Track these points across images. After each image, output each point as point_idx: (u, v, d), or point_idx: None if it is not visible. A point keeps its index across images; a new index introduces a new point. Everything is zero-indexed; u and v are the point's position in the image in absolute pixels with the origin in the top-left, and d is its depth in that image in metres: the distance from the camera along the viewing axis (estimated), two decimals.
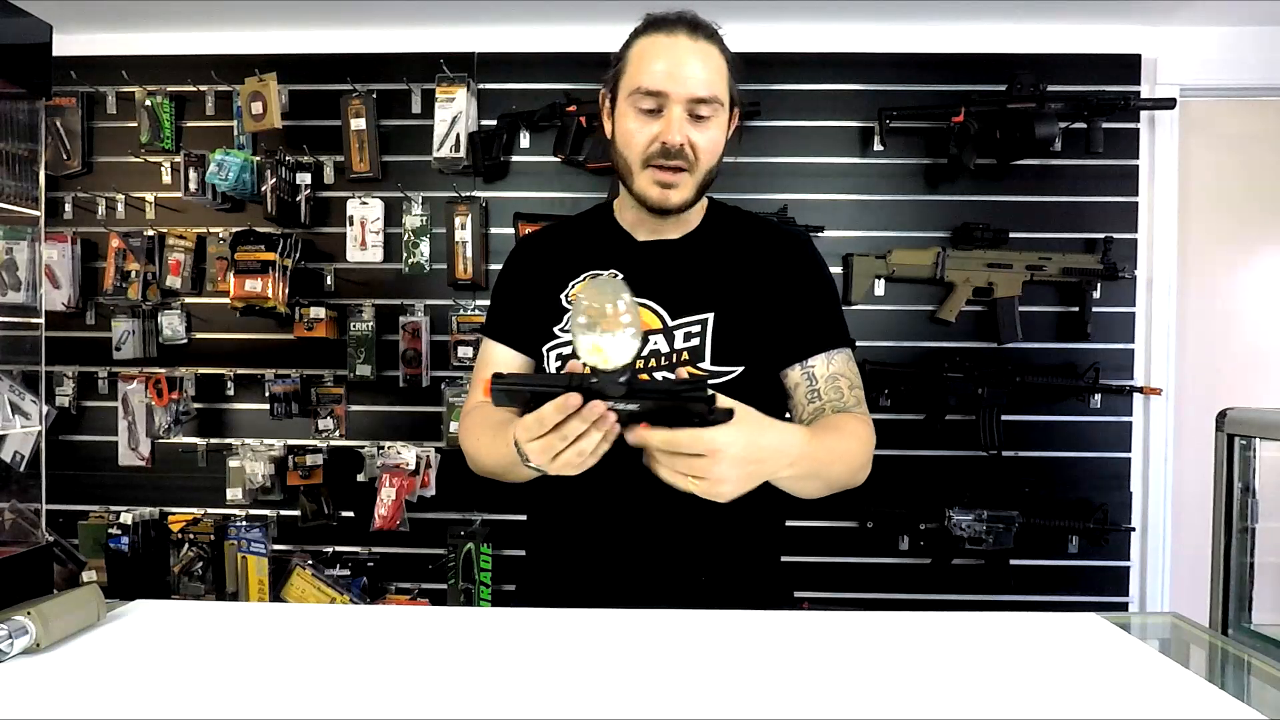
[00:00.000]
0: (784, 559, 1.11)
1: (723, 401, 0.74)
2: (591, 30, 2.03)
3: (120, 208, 2.19)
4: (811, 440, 0.89)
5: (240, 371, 2.18)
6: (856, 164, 2.13)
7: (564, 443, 0.74)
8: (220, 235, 2.16)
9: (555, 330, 1.03)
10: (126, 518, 2.12)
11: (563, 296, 1.05)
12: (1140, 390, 2.08)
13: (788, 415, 1.08)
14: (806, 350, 1.02)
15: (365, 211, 2.13)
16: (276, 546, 2.14)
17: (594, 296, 0.74)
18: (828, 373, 1.01)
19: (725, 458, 0.74)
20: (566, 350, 1.01)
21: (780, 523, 1.10)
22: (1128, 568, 2.12)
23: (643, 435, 0.74)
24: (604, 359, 0.73)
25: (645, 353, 0.98)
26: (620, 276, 0.86)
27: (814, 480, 0.92)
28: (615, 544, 0.99)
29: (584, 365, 0.76)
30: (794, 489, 0.93)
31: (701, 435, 0.73)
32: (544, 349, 1.03)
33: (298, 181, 2.12)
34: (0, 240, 0.93)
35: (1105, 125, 2.00)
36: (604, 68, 1.05)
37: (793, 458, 0.84)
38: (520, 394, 0.75)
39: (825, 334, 1.03)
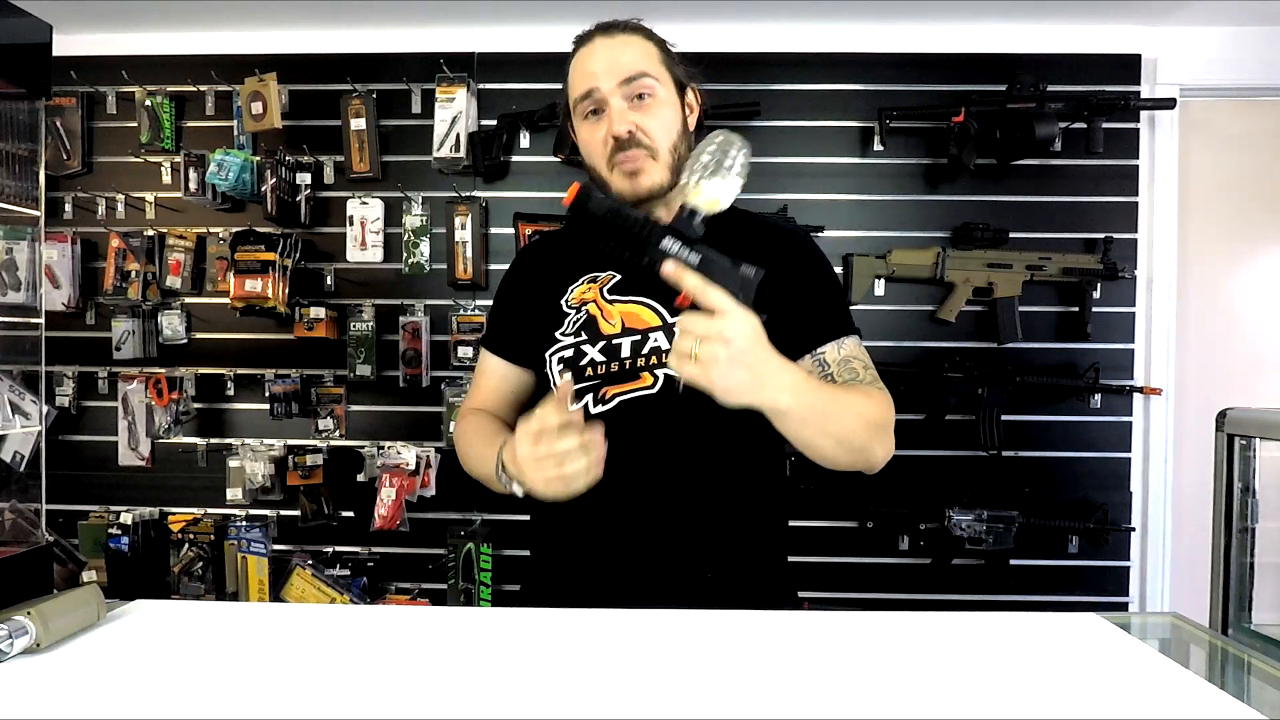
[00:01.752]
0: (788, 559, 1.12)
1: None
2: None
3: (120, 208, 2.19)
4: (814, 383, 0.88)
5: (240, 371, 2.18)
6: (856, 164, 2.12)
7: (556, 466, 0.82)
8: (220, 235, 2.16)
9: (556, 335, 1.03)
10: (126, 518, 2.12)
11: (562, 302, 1.05)
12: (1140, 390, 2.08)
13: None
14: (815, 341, 1.02)
15: (365, 211, 2.13)
16: (276, 546, 2.14)
17: (724, 140, 0.81)
18: (839, 357, 1.02)
19: (739, 327, 0.77)
20: (569, 354, 1.02)
21: (784, 522, 1.10)
22: (1128, 568, 2.11)
23: (680, 272, 0.78)
24: (710, 198, 0.79)
25: (647, 350, 0.98)
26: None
27: (822, 431, 0.88)
28: (620, 543, 0.99)
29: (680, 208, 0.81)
30: (802, 438, 0.88)
31: (728, 298, 0.78)
32: (546, 354, 1.03)
33: (298, 181, 2.12)
34: (0, 240, 0.93)
35: (1105, 125, 2.00)
36: None
37: (790, 383, 0.82)
38: (600, 203, 0.80)
39: (832, 324, 1.03)
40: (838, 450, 0.91)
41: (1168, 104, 2.03)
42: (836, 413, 0.89)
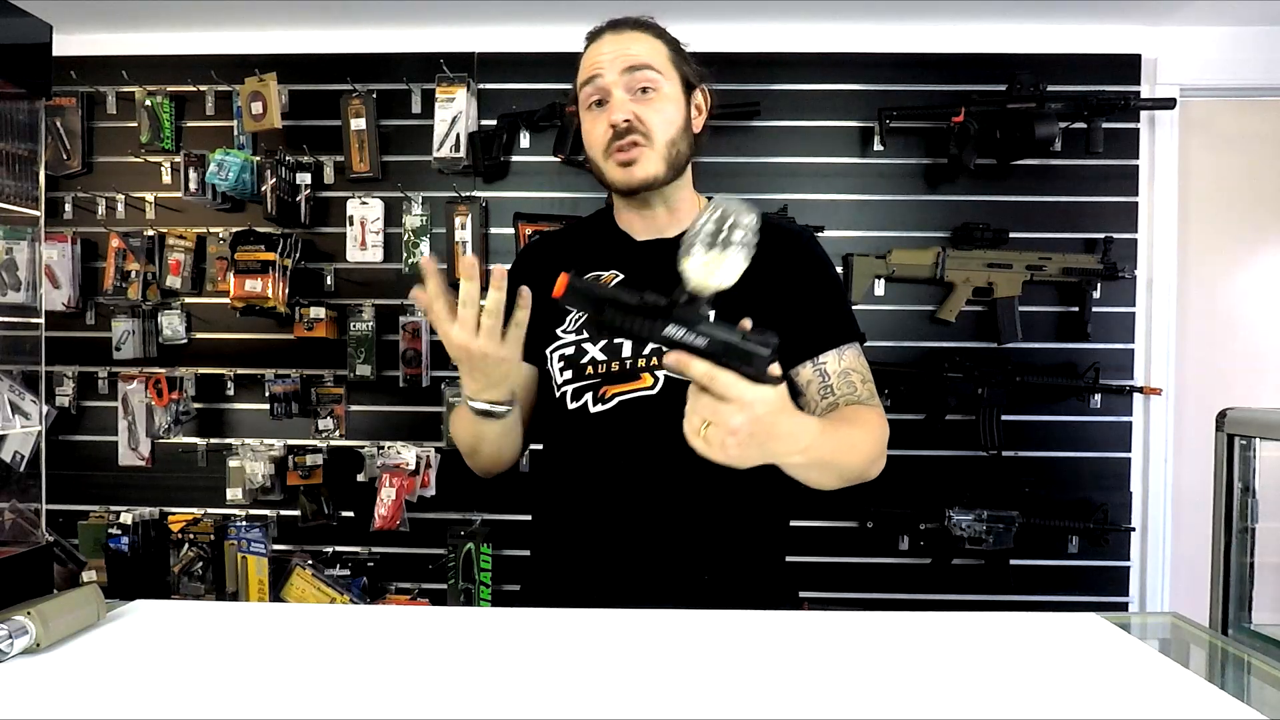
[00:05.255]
0: (786, 559, 1.11)
1: (774, 370, 0.73)
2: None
3: (120, 208, 2.19)
4: (824, 430, 0.88)
5: (240, 371, 2.18)
6: (856, 164, 2.12)
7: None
8: (220, 235, 2.16)
9: (558, 331, 1.03)
10: (126, 518, 2.12)
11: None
12: (1140, 390, 2.08)
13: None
14: (817, 348, 1.02)
15: (365, 211, 2.13)
16: (276, 546, 2.14)
17: (729, 207, 0.71)
18: (839, 369, 1.02)
19: (749, 414, 0.72)
20: (569, 351, 1.02)
21: (785, 523, 1.10)
22: (1128, 568, 2.11)
23: (684, 361, 0.72)
24: (711, 277, 0.70)
25: (648, 350, 0.98)
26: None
27: (825, 471, 0.90)
28: (619, 544, 0.99)
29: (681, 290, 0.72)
30: (805, 478, 0.91)
31: (738, 383, 0.71)
32: (547, 351, 1.03)
33: (298, 181, 2.12)
34: (0, 240, 0.93)
35: (1105, 125, 2.00)
36: None
37: (804, 445, 0.83)
38: (591, 295, 0.73)
39: (834, 330, 1.03)
40: (838, 483, 0.94)
41: (1168, 104, 2.03)
42: (841, 454, 0.91)
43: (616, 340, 1.00)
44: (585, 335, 1.02)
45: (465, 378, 0.89)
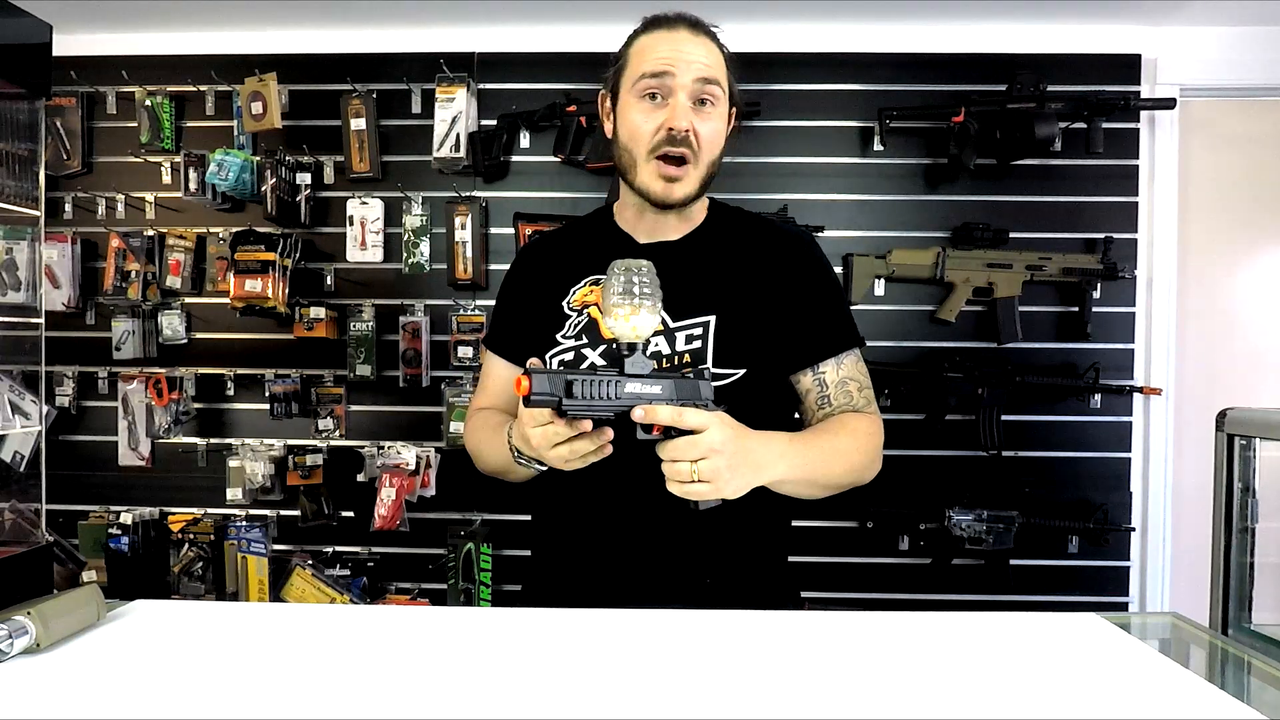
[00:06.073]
0: (789, 559, 1.12)
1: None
2: (591, 30, 2.02)
3: (120, 208, 2.19)
4: (799, 442, 0.92)
5: (240, 371, 2.18)
6: (856, 164, 2.12)
7: (569, 448, 0.83)
8: (220, 235, 2.16)
9: (557, 337, 1.03)
10: (126, 518, 2.12)
11: (564, 304, 1.05)
12: (1140, 390, 2.08)
13: (797, 416, 1.08)
14: (816, 355, 1.03)
15: (365, 211, 2.13)
16: (276, 546, 2.14)
17: (624, 271, 0.81)
18: (838, 378, 1.03)
19: (724, 430, 0.80)
20: (569, 356, 1.02)
21: (786, 524, 1.10)
22: (1128, 568, 2.11)
23: (651, 411, 0.79)
24: (634, 330, 0.80)
25: (648, 355, 0.98)
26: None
27: (813, 484, 0.94)
28: (621, 546, 0.99)
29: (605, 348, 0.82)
30: (798, 493, 0.95)
31: (701, 411, 0.81)
32: (547, 356, 1.03)
33: (298, 181, 2.12)
34: (0, 240, 0.93)
35: (1105, 125, 2.00)
36: (604, 68, 1.06)
37: (780, 453, 0.88)
38: (557, 379, 0.77)
39: (833, 338, 1.04)
40: (826, 493, 0.97)
41: (1168, 104, 2.03)
42: (824, 464, 0.94)
43: (614, 344, 1.00)
44: (584, 341, 1.02)
45: (530, 450, 0.87)
